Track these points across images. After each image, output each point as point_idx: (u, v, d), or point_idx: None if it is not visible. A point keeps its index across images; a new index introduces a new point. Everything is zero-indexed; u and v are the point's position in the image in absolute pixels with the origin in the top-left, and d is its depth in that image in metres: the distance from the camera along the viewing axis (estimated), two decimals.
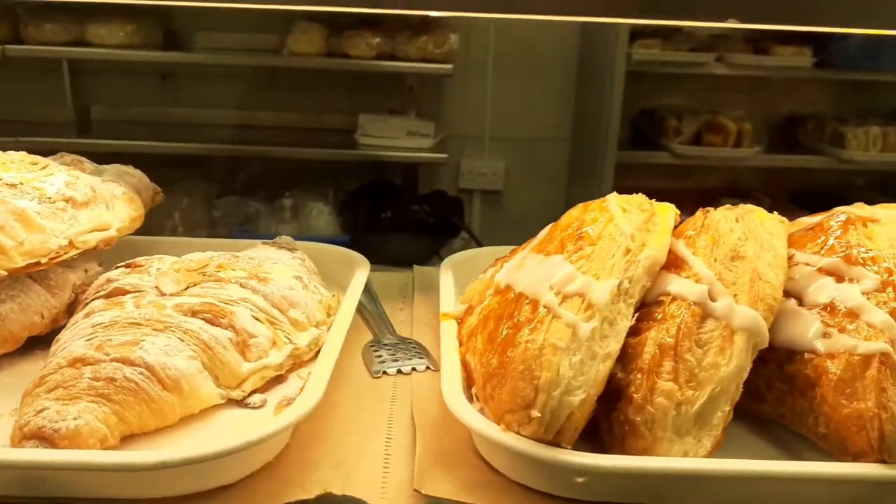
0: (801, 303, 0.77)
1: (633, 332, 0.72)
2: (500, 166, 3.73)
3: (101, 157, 3.42)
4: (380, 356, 0.93)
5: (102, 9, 3.03)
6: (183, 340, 0.75)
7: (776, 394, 0.76)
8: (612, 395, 0.70)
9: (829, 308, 0.74)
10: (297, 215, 3.37)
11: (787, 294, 0.79)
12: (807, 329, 0.74)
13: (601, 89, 3.32)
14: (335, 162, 3.38)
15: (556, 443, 0.66)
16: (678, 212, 0.86)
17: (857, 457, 0.67)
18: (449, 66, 3.15)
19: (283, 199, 3.33)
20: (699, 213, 0.84)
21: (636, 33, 3.21)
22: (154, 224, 3.68)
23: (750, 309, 0.71)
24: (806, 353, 0.73)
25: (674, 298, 0.73)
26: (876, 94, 3.73)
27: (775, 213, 0.87)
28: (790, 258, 0.81)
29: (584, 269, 0.73)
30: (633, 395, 0.67)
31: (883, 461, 0.66)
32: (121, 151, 3.19)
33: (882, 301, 0.72)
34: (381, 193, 3.41)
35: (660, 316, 0.72)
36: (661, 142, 3.41)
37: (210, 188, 3.43)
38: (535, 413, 0.64)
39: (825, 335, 0.72)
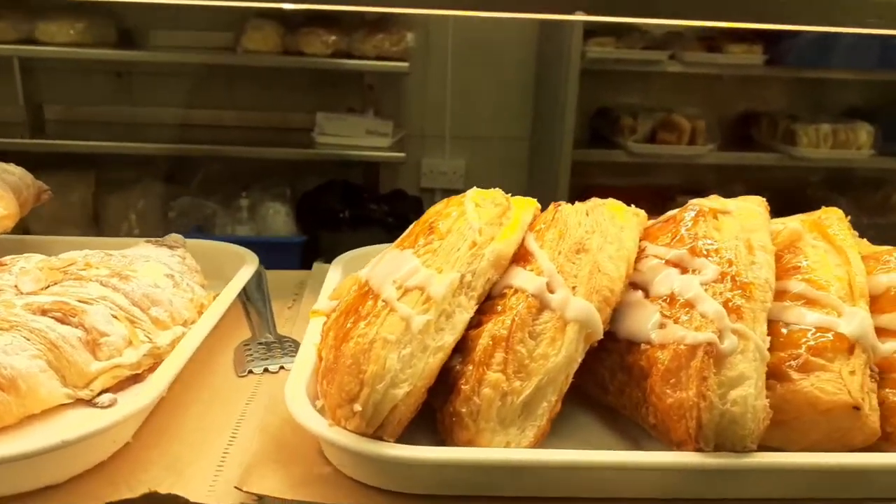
0: (646, 294, 0.78)
1: (476, 324, 0.72)
2: (460, 165, 3.74)
3: (56, 158, 3.39)
4: (250, 355, 0.92)
5: (52, 6, 3.00)
6: (28, 339, 0.74)
7: (617, 384, 0.76)
8: (450, 388, 0.70)
9: (670, 299, 0.75)
10: (254, 215, 3.35)
11: (635, 286, 0.79)
12: (646, 320, 0.74)
13: (557, 88, 3.33)
14: (293, 161, 3.37)
15: (378, 437, 0.66)
16: (539, 206, 0.86)
17: (679, 445, 0.68)
18: (405, 64, 3.15)
19: (240, 199, 3.31)
20: (551, 206, 0.84)
21: (590, 31, 3.22)
22: (108, 225, 3.65)
23: (584, 300, 0.71)
24: (643, 344, 0.73)
25: (515, 291, 0.73)
26: (828, 91, 3.76)
27: (632, 206, 0.87)
28: (642, 251, 0.82)
29: (429, 263, 0.73)
30: (463, 386, 0.68)
31: (700, 450, 0.66)
32: (75, 152, 3.16)
33: (718, 291, 0.73)
34: (340, 193, 3.40)
35: (500, 308, 0.72)
36: (616, 140, 3.43)
37: (167, 189, 3.40)
38: (357, 407, 0.64)
39: (661, 326, 0.73)
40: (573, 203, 0.85)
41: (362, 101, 3.51)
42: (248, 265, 1.03)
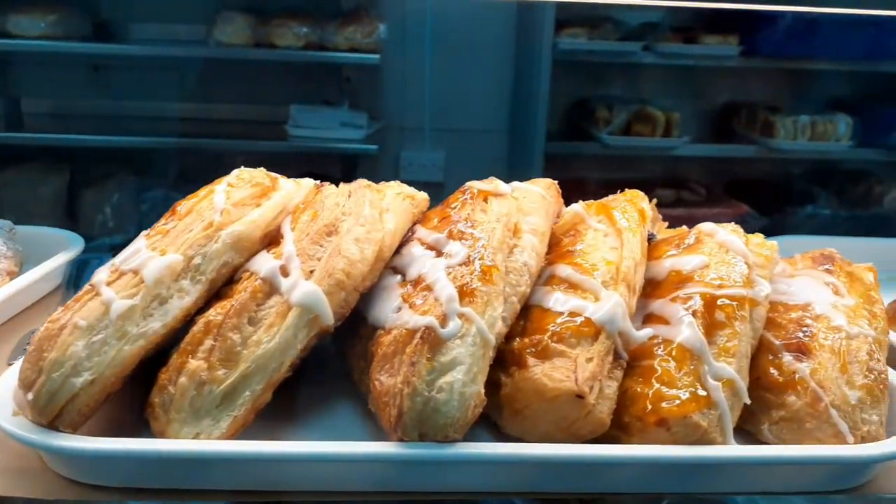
0: (404, 278, 0.73)
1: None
2: (440, 158, 3.68)
3: (33, 151, 3.40)
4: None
5: None
6: None
7: (358, 373, 0.72)
8: None
9: (417, 282, 0.70)
10: None
11: (396, 270, 0.75)
12: (388, 305, 0.70)
13: (531, 79, 3.27)
14: (269, 154, 3.34)
15: (55, 427, 0.62)
16: (319, 185, 0.81)
17: (387, 434, 0.63)
18: (376, 55, 3.10)
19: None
20: (313, 187, 0.80)
21: (563, 22, 3.14)
22: (83, 218, 3.66)
23: (312, 284, 0.67)
24: (380, 329, 0.69)
25: (250, 275, 0.69)
26: (810, 83, 3.64)
27: (414, 191, 0.82)
28: (412, 234, 0.77)
29: (156, 245, 0.69)
30: (161, 375, 0.64)
31: (401, 439, 0.61)
32: (52, 145, 3.17)
33: (460, 275, 0.68)
34: None
35: (230, 293, 0.68)
36: (591, 133, 3.35)
37: (142, 182, 3.40)
38: (30, 396, 0.60)
39: (398, 310, 0.68)
40: None
41: (339, 94, 3.47)
42: (67, 251, 1.00)
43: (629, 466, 0.64)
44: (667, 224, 0.92)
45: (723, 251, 0.76)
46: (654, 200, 0.88)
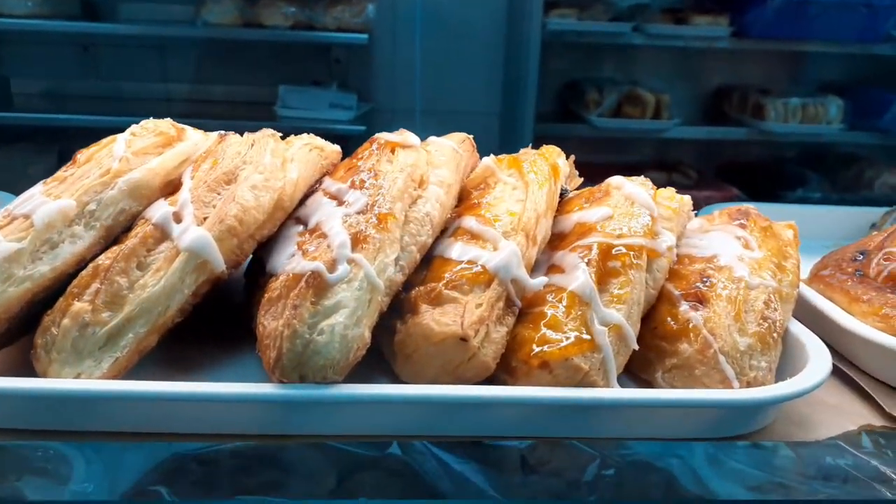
0: (305, 227, 0.72)
1: None
2: None
3: (23, 132, 3.41)
4: None
5: None
6: None
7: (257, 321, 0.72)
8: None
9: (313, 231, 0.70)
10: None
11: (300, 220, 0.74)
12: (285, 253, 0.69)
13: (521, 60, 3.25)
14: None
15: None
16: (223, 135, 0.81)
17: (269, 377, 0.63)
18: (364, 35, 3.09)
19: None
20: (217, 136, 0.79)
21: (552, 3, 3.12)
22: None
23: (200, 229, 0.67)
24: (272, 276, 0.68)
25: (145, 221, 0.69)
26: (802, 65, 3.60)
27: (325, 142, 0.82)
28: (318, 185, 0.76)
29: (51, 192, 0.69)
30: (45, 317, 0.64)
31: (280, 381, 0.61)
32: (42, 125, 3.18)
33: (356, 222, 0.67)
34: None
35: (126, 240, 0.68)
36: (582, 115, 3.32)
37: None
38: None
39: (291, 256, 0.68)
40: None
41: (329, 75, 3.46)
42: None
43: (509, 407, 0.63)
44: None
45: (628, 203, 0.75)
46: (572, 157, 0.88)
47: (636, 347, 0.67)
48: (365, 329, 0.62)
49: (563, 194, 0.82)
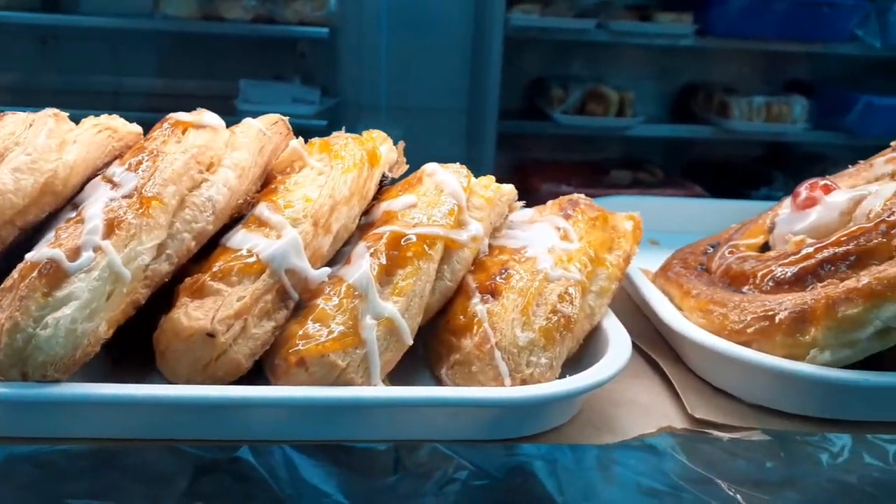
0: (79, 215, 0.68)
1: None
2: (397, 136, 3.59)
3: None
4: None
5: None
6: None
7: None
8: None
9: (78, 216, 0.65)
10: None
11: (75, 206, 0.69)
12: (45, 240, 0.64)
13: (485, 56, 3.20)
14: None
15: None
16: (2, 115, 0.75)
17: None
18: (325, 29, 3.05)
19: None
20: None
21: None
22: None
23: None
24: None
25: None
26: (768, 64, 3.56)
27: (122, 123, 0.77)
28: (104, 167, 0.71)
29: None
30: None
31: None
32: None
33: (119, 206, 0.62)
34: None
35: None
36: (547, 112, 3.27)
37: None
38: None
39: (46, 244, 0.63)
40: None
41: (294, 69, 3.41)
42: None
43: (257, 410, 0.58)
44: None
45: (437, 191, 0.71)
46: (401, 144, 0.83)
47: (410, 342, 0.62)
48: (101, 323, 0.57)
49: (383, 182, 0.77)
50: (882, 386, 0.62)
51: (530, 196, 3.33)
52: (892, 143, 0.84)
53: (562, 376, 0.62)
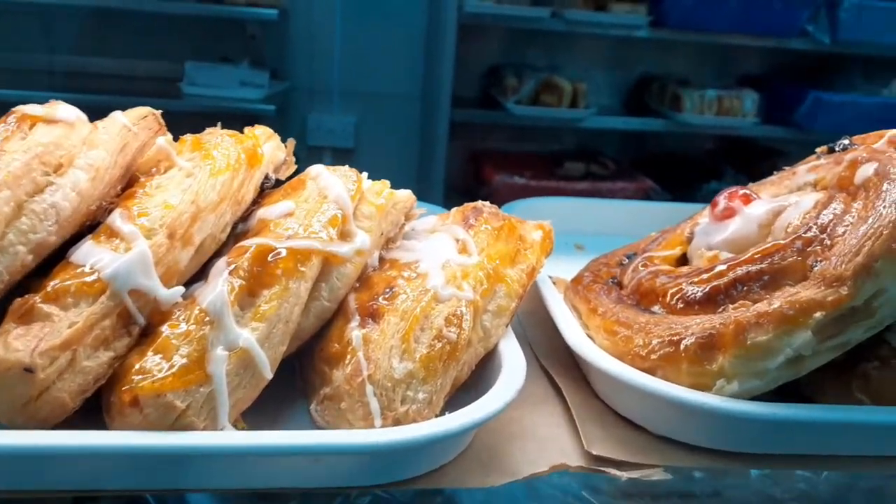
0: None
1: None
2: (350, 122, 3.51)
3: None
4: None
5: None
6: None
7: None
8: None
9: None
10: None
11: None
12: None
13: (439, 42, 3.11)
14: (162, 113, 3.15)
15: None
16: None
17: None
18: (274, 10, 2.93)
19: None
20: None
21: None
22: None
23: None
24: None
25: None
26: (723, 57, 3.54)
27: None
28: None
29: None
30: None
31: None
32: None
33: None
34: None
35: None
36: (500, 102, 3.21)
37: None
38: None
39: None
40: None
41: (244, 52, 3.28)
42: None
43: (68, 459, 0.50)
44: None
45: (320, 197, 0.63)
46: (291, 142, 0.75)
47: (269, 376, 0.54)
48: None
49: (266, 185, 0.69)
50: (792, 420, 0.57)
51: (483, 187, 3.28)
52: (818, 150, 0.79)
53: (448, 409, 0.56)
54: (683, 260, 0.74)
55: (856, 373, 0.61)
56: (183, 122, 2.99)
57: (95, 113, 0.72)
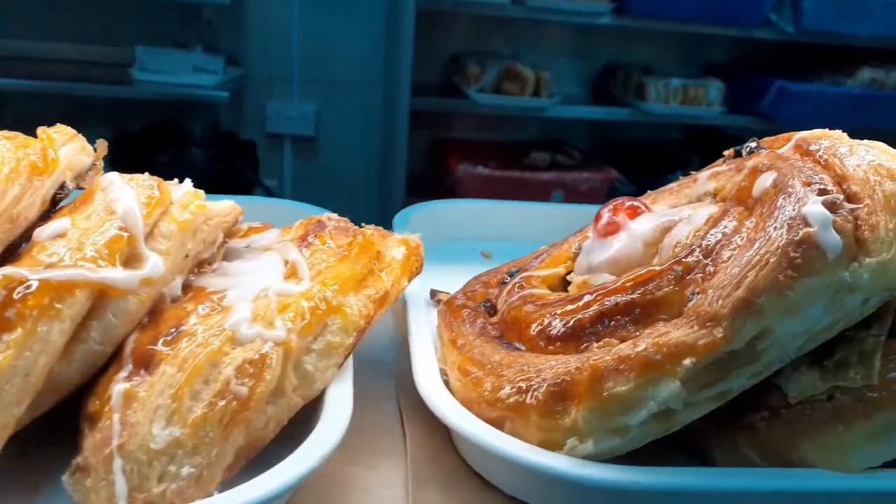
0: None
1: None
2: (311, 110, 3.38)
3: None
4: None
5: None
6: None
7: None
8: None
9: None
10: None
11: None
12: None
13: (398, 29, 3.00)
14: (113, 101, 3.00)
15: None
16: None
17: None
18: None
19: None
20: None
21: None
22: None
23: None
24: None
25: None
26: (684, 46, 3.44)
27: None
28: None
29: None
30: None
31: None
32: None
33: None
34: (160, 136, 3.05)
35: None
36: (463, 89, 3.10)
37: None
38: None
39: None
40: None
41: (199, 37, 3.14)
42: None
43: None
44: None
45: (107, 213, 0.51)
46: (101, 142, 0.63)
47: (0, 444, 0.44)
48: None
49: (60, 196, 0.57)
50: (653, 488, 0.46)
51: (446, 177, 3.17)
52: (725, 153, 0.69)
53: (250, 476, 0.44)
54: (566, 283, 0.63)
55: (742, 425, 0.50)
56: (139, 109, 2.84)
57: (41, 99, 0.60)
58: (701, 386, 0.47)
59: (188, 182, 0.58)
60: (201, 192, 0.57)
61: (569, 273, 0.64)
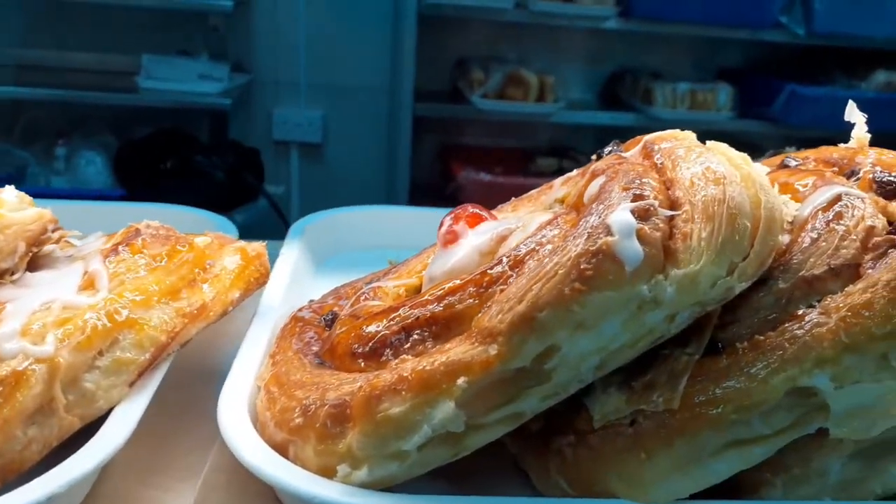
0: None
1: None
2: (317, 116, 3.39)
3: None
4: None
5: None
6: None
7: None
8: None
9: None
10: (71, 166, 3.06)
11: None
12: None
13: (402, 34, 3.00)
14: (119, 108, 3.05)
15: None
16: None
17: None
18: (229, 3, 2.83)
19: (55, 149, 3.01)
20: None
21: None
22: None
23: None
24: None
25: None
26: (693, 50, 3.36)
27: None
28: None
29: None
30: None
31: None
32: None
33: None
34: (166, 143, 3.09)
35: None
36: (466, 95, 3.08)
37: None
38: None
39: None
40: None
41: (205, 44, 3.17)
42: None
43: None
44: None
45: None
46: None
47: None
48: None
49: None
50: None
51: (449, 184, 3.14)
52: (594, 156, 0.64)
53: None
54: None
55: (551, 448, 0.46)
56: (145, 117, 2.86)
57: (49, 107, 0.59)
58: (489, 407, 0.43)
59: (10, 188, 0.56)
60: (27, 198, 0.54)
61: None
